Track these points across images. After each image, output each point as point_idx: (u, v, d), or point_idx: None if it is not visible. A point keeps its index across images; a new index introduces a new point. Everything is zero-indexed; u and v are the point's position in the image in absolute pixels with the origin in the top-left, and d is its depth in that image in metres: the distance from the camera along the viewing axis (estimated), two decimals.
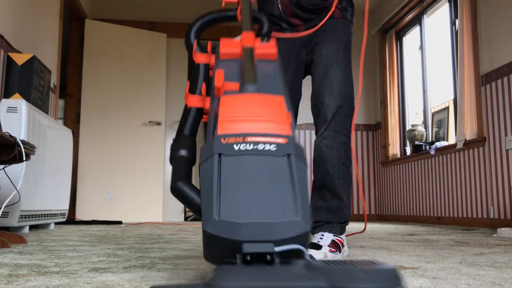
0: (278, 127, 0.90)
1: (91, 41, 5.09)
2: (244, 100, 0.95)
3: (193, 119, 1.14)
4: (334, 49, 1.82)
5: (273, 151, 0.86)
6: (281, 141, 0.87)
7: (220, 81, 0.99)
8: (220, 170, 0.84)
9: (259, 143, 0.86)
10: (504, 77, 3.57)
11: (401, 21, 5.29)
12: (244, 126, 0.90)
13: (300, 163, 0.86)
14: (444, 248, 1.97)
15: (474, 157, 3.87)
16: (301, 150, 0.89)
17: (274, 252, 0.73)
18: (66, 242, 2.18)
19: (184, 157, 1.05)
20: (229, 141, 0.86)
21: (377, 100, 5.76)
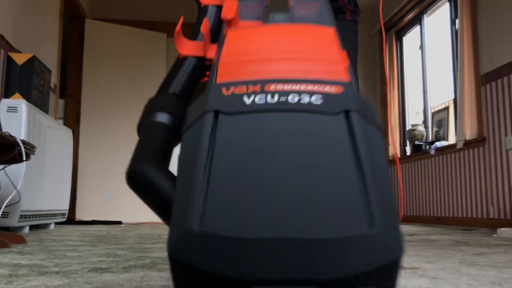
0: (326, 68, 0.55)
1: (91, 41, 5.09)
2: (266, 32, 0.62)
3: (186, 72, 0.74)
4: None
5: (319, 106, 0.50)
6: (333, 90, 0.51)
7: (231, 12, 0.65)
8: (215, 140, 0.48)
9: (291, 92, 0.50)
10: (504, 77, 3.56)
11: (401, 21, 5.29)
12: (263, 68, 0.55)
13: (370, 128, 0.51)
14: (444, 248, 1.97)
15: (474, 157, 3.87)
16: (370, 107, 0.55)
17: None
18: (66, 242, 2.18)
19: (161, 124, 0.65)
20: (236, 91, 0.51)
21: (377, 100, 5.76)
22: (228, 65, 0.55)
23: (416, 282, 1.08)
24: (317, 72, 0.53)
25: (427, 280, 1.11)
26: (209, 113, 0.49)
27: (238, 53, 0.57)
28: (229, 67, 0.55)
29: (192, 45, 0.75)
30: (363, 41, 5.98)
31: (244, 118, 0.48)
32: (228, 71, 0.54)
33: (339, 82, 0.52)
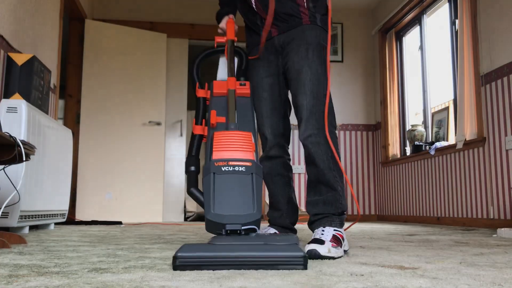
0: (246, 155, 1.57)
1: (91, 41, 5.09)
2: (227, 136, 1.60)
3: (197, 143, 1.79)
4: (304, 53, 1.89)
5: (244, 171, 1.53)
6: (248, 164, 1.54)
7: (213, 119, 1.71)
8: (214, 182, 1.52)
9: (236, 165, 1.54)
10: (504, 77, 3.57)
11: (401, 21, 5.30)
12: (228, 154, 1.56)
13: (258, 178, 1.55)
14: (444, 248, 1.97)
15: (474, 157, 3.87)
16: (260, 168, 1.58)
17: (241, 229, 1.45)
18: (66, 242, 2.18)
19: (193, 171, 1.75)
20: (219, 164, 1.54)
21: (377, 100, 5.76)
22: (216, 152, 1.58)
23: (416, 283, 1.08)
24: (244, 156, 1.58)
25: (427, 280, 1.11)
26: (212, 173, 1.55)
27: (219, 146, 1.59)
28: (217, 153, 1.58)
29: (199, 129, 1.82)
30: (363, 41, 5.99)
31: (222, 175, 1.54)
32: (216, 155, 1.58)
33: (250, 160, 1.57)
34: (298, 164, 5.62)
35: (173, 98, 5.50)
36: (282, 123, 2.03)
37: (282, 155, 2.04)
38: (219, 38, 2.03)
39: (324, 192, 1.82)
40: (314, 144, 1.82)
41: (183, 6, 5.69)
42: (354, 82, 5.90)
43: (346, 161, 5.71)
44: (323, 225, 1.75)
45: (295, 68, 1.90)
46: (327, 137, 1.83)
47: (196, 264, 1.23)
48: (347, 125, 5.78)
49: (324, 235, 1.66)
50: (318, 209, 1.81)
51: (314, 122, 1.83)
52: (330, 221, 1.77)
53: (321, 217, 1.79)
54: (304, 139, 1.85)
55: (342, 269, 1.29)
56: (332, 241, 1.62)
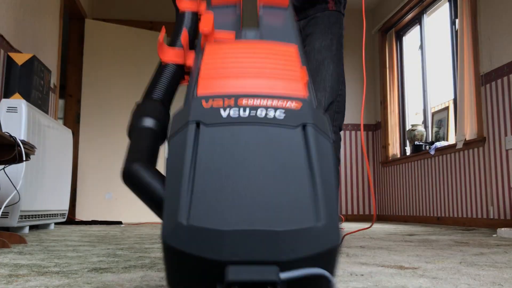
0: (288, 85, 0.65)
1: (91, 41, 5.09)
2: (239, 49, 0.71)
3: (168, 79, 0.84)
4: (328, 43, 1.76)
5: (281, 120, 0.61)
6: (293, 106, 0.62)
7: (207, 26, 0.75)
8: (197, 147, 0.58)
9: (259, 107, 0.61)
10: (504, 77, 3.57)
11: (401, 21, 5.29)
12: (237, 83, 0.65)
13: (322, 139, 0.62)
14: (444, 248, 1.97)
15: (474, 157, 3.87)
16: (324, 120, 0.65)
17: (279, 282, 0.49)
18: (66, 242, 2.18)
19: (149, 129, 0.75)
20: (214, 105, 0.61)
21: (377, 100, 5.76)
22: (207, 79, 0.65)
23: (416, 282, 1.08)
24: (281, 88, 0.64)
25: (427, 280, 1.11)
26: (192, 123, 0.60)
27: (215, 68, 0.67)
28: (208, 82, 0.65)
29: (173, 53, 0.86)
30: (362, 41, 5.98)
31: (221, 129, 0.59)
32: (207, 85, 0.64)
33: (299, 98, 0.63)
34: None
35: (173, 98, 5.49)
36: None
37: None
38: None
39: None
40: None
41: None
42: (354, 82, 5.90)
43: (346, 161, 5.71)
44: None
45: (316, 57, 1.74)
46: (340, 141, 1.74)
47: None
48: (347, 125, 5.77)
49: None
50: None
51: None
52: None
53: None
54: None
55: (342, 269, 1.29)
56: None
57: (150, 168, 0.67)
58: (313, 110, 0.63)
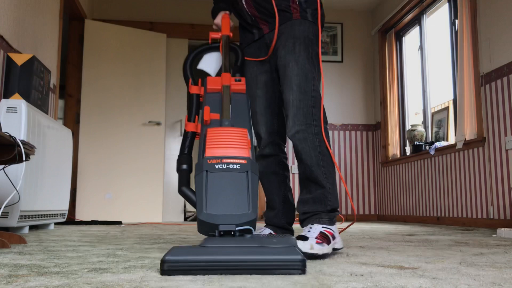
0: (241, 152, 1.44)
1: (91, 41, 5.09)
2: (221, 133, 1.48)
3: (190, 140, 1.67)
4: (290, 47, 1.84)
5: (238, 169, 1.41)
6: (243, 162, 1.42)
7: (206, 116, 1.58)
8: (207, 180, 1.39)
9: (230, 163, 1.41)
10: (504, 77, 3.57)
11: (401, 21, 5.30)
12: (221, 151, 1.44)
13: (254, 176, 1.42)
14: (444, 248, 1.97)
15: (474, 157, 3.87)
16: (256, 166, 1.45)
17: (235, 230, 1.32)
18: (65, 242, 2.18)
19: (185, 169, 1.60)
20: (212, 162, 1.41)
21: (377, 100, 5.76)
22: (210, 149, 1.45)
23: (416, 283, 1.08)
24: (239, 153, 1.44)
25: (427, 280, 1.11)
26: (204, 171, 1.41)
27: (212, 143, 1.46)
28: (210, 150, 1.45)
29: (192, 126, 1.69)
30: (362, 41, 5.99)
31: (215, 173, 1.41)
32: (210, 152, 1.44)
33: (246, 158, 1.43)
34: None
35: (173, 98, 5.49)
36: (276, 120, 2.00)
37: (277, 153, 2.01)
38: (213, 33, 2.01)
39: (313, 190, 1.77)
40: (301, 141, 1.77)
41: (183, 6, 5.69)
42: (354, 82, 5.90)
43: (346, 161, 5.71)
44: (311, 223, 1.72)
45: (282, 63, 1.85)
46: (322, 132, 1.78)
47: (186, 268, 1.15)
48: (347, 125, 5.78)
49: (310, 232, 1.64)
50: (307, 208, 1.76)
51: (301, 117, 1.78)
52: (319, 218, 1.73)
53: (310, 215, 1.75)
54: (291, 136, 1.80)
55: (342, 269, 1.29)
56: (317, 238, 1.59)
57: (188, 188, 1.54)
58: (252, 163, 1.43)
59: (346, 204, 5.63)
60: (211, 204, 1.35)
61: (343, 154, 5.71)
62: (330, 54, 5.87)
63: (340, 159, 5.69)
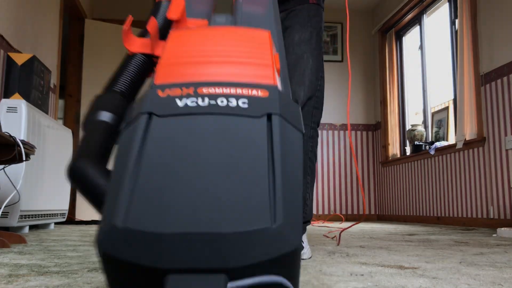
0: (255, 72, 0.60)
1: (91, 41, 5.09)
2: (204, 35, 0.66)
3: (133, 70, 0.75)
4: (307, 36, 1.68)
5: (244, 109, 0.54)
6: (259, 94, 0.56)
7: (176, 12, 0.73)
8: (146, 141, 0.52)
9: (220, 96, 0.55)
10: (504, 77, 3.57)
11: (401, 21, 5.30)
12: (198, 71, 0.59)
13: (290, 131, 0.55)
14: (444, 248, 1.97)
15: (474, 157, 3.87)
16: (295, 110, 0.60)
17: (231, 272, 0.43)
18: (66, 242, 2.18)
19: (103, 122, 0.67)
20: (171, 94, 0.56)
21: (377, 100, 5.76)
22: (166, 67, 0.60)
23: (416, 282, 1.08)
24: (247, 76, 0.58)
25: (427, 280, 1.11)
26: (143, 114, 0.53)
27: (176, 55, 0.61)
28: (166, 69, 0.59)
29: (140, 43, 0.77)
30: (362, 41, 5.99)
31: (175, 120, 0.53)
32: (166, 73, 0.58)
33: (266, 86, 0.57)
34: None
35: None
36: None
37: None
38: None
39: None
40: None
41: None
42: (354, 82, 5.90)
43: (346, 161, 5.71)
44: None
45: (295, 51, 1.67)
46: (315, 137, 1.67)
47: None
48: (347, 125, 5.78)
49: None
50: None
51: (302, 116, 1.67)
52: None
53: None
54: None
55: (342, 269, 1.29)
56: None
57: (97, 165, 0.61)
58: (282, 99, 0.57)
59: (347, 204, 5.62)
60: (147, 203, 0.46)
61: (343, 154, 5.71)
62: (330, 54, 5.87)
63: (340, 159, 5.69)
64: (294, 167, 0.52)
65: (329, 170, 5.65)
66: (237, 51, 0.62)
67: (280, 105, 0.55)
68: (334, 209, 5.60)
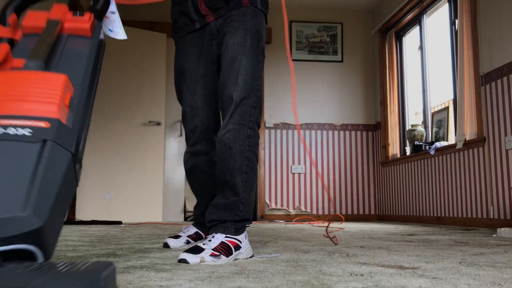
0: (42, 108, 0.78)
1: None
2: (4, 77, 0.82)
3: None
4: (241, 39, 1.72)
5: (27, 137, 0.75)
6: (41, 125, 0.76)
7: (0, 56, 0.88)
8: None
9: (9, 126, 0.75)
10: (504, 77, 3.57)
11: (401, 21, 5.30)
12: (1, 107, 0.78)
13: (59, 152, 0.76)
14: (444, 248, 1.97)
15: (474, 157, 3.87)
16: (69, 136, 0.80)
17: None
18: (66, 242, 2.18)
19: None
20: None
21: (377, 100, 5.76)
22: None
23: (416, 282, 1.08)
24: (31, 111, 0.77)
25: (427, 280, 1.11)
26: None
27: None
28: None
29: None
30: (362, 41, 5.99)
31: None
32: None
33: (48, 119, 0.77)
34: (298, 164, 5.62)
35: (173, 98, 5.47)
36: (213, 117, 1.89)
37: (209, 151, 1.91)
38: None
39: (229, 196, 1.64)
40: (230, 140, 1.63)
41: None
42: (354, 82, 5.90)
43: (346, 161, 5.71)
44: (215, 231, 1.59)
45: (230, 54, 1.72)
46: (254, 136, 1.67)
47: None
48: (347, 125, 5.78)
49: (210, 242, 1.51)
50: (216, 215, 1.62)
51: (238, 117, 1.64)
52: (224, 228, 1.59)
53: (217, 223, 1.61)
54: (222, 134, 1.65)
55: (342, 269, 1.29)
56: (215, 249, 1.47)
57: None
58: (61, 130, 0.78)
59: (347, 204, 5.63)
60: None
61: (343, 154, 5.71)
62: (330, 54, 5.87)
63: (340, 159, 5.70)
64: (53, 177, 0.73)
65: (329, 170, 5.65)
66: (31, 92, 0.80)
67: (56, 133, 0.76)
68: (334, 209, 5.61)
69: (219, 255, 1.46)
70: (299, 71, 5.80)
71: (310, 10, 5.92)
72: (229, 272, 1.23)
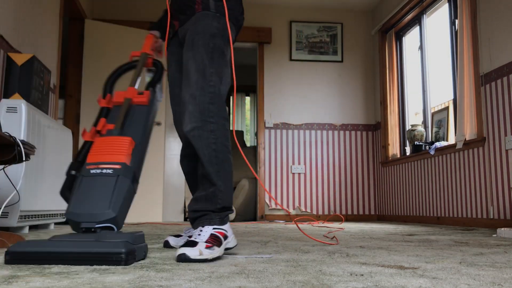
0: (117, 157, 1.59)
1: (91, 41, 5.09)
2: (103, 141, 1.66)
3: (86, 149, 1.71)
4: (190, 43, 1.84)
5: (110, 173, 1.55)
6: (117, 167, 1.57)
7: (99, 126, 1.74)
8: (81, 183, 1.56)
9: (104, 168, 1.57)
10: (504, 77, 3.57)
11: (401, 21, 5.30)
12: (99, 158, 1.60)
13: (124, 180, 1.56)
14: (444, 248, 1.97)
15: (474, 157, 3.87)
16: (130, 171, 1.60)
17: (95, 227, 1.45)
18: None
19: (72, 175, 1.66)
20: (90, 167, 1.58)
21: (377, 100, 5.76)
22: (90, 155, 1.63)
23: (416, 282, 1.08)
24: (113, 159, 1.59)
25: (427, 280, 1.11)
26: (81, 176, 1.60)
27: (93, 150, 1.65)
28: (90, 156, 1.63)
29: (89, 135, 1.74)
30: (362, 41, 5.99)
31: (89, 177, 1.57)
32: (90, 158, 1.62)
33: (119, 163, 1.59)
34: (298, 164, 5.62)
35: None
36: None
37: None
38: (135, 52, 2.04)
39: (207, 187, 1.73)
40: (195, 138, 1.73)
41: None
42: (354, 82, 5.90)
43: (346, 161, 5.71)
44: (202, 224, 1.67)
45: (183, 60, 1.86)
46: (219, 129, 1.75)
47: (26, 258, 1.34)
48: (347, 125, 5.78)
49: (200, 236, 1.59)
50: (198, 206, 1.72)
51: (197, 114, 1.73)
52: (209, 219, 1.68)
53: (200, 214, 1.71)
54: (187, 132, 1.75)
55: (342, 269, 1.29)
56: (208, 241, 1.55)
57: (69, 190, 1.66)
58: (126, 168, 1.59)
59: (347, 204, 5.63)
60: (76, 203, 1.50)
61: (343, 154, 5.71)
62: (330, 54, 5.87)
63: (340, 159, 5.70)
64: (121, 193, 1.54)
65: (329, 170, 5.66)
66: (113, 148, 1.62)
67: (123, 171, 1.57)
68: (334, 209, 5.61)
69: (212, 246, 1.55)
70: (299, 71, 5.81)
71: (310, 10, 5.92)
72: (229, 272, 1.23)
